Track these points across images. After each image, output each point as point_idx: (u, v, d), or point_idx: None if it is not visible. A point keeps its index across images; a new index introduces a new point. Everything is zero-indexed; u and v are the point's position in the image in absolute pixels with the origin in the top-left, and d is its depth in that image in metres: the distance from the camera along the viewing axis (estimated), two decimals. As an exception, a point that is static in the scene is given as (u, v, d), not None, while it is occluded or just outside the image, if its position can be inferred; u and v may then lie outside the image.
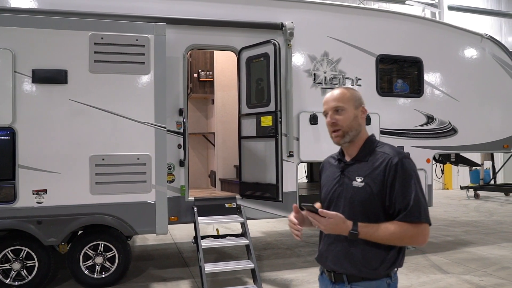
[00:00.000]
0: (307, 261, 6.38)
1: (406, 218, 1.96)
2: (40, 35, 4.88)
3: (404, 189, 1.98)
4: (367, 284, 2.05)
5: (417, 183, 2.01)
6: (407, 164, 2.02)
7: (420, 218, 1.97)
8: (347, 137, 2.11)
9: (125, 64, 5.11)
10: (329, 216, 1.96)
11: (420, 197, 1.99)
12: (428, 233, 2.02)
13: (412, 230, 1.97)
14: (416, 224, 1.97)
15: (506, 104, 7.56)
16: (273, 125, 5.58)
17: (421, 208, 1.98)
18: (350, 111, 2.11)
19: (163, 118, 5.23)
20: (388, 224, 1.98)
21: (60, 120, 4.93)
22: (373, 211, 2.03)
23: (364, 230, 1.98)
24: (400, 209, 1.98)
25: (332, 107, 2.12)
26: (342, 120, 2.10)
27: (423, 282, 5.41)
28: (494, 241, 7.68)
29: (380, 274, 2.04)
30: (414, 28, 6.95)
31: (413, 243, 2.03)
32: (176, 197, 5.63)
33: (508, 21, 19.43)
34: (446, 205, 12.78)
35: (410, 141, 6.71)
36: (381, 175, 2.02)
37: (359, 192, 2.05)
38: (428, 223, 2.00)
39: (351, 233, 1.97)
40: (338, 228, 1.98)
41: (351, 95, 2.14)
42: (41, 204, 4.86)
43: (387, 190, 2.01)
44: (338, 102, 2.11)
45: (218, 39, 5.89)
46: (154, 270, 6.08)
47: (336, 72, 6.36)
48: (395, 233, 1.97)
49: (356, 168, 2.11)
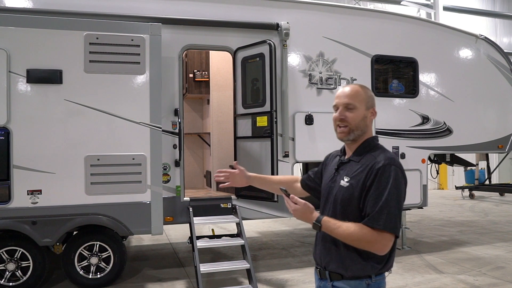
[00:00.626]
0: (302, 261, 6.39)
1: (369, 222, 1.95)
2: (35, 35, 4.87)
3: (377, 195, 1.96)
4: (346, 283, 2.05)
5: (393, 190, 1.96)
6: (388, 171, 1.98)
7: (380, 225, 1.92)
8: (351, 135, 2.12)
9: (120, 64, 5.10)
10: (297, 203, 2.04)
11: (390, 205, 1.94)
12: (389, 243, 1.96)
13: (371, 235, 1.94)
14: (376, 230, 1.93)
15: (501, 104, 7.59)
16: (269, 125, 5.58)
17: (385, 216, 1.93)
18: (361, 111, 2.11)
19: (159, 118, 5.22)
20: (351, 224, 1.98)
21: (55, 120, 4.91)
22: (351, 211, 2.04)
23: (326, 224, 2.01)
24: (368, 213, 1.97)
25: (344, 103, 2.12)
26: (351, 118, 2.10)
27: (418, 282, 5.42)
28: (489, 241, 7.71)
29: (357, 274, 2.03)
30: (409, 29, 6.97)
31: (370, 249, 1.97)
32: (171, 197, 5.63)
33: (503, 22, 19.52)
34: (441, 205, 12.83)
35: (405, 141, 6.73)
36: (363, 178, 2.02)
37: (342, 191, 2.08)
38: (391, 232, 1.94)
39: (314, 224, 2.03)
40: (304, 216, 2.06)
41: (365, 95, 2.14)
42: (36, 205, 4.84)
43: (364, 193, 2.01)
44: (351, 99, 2.11)
45: (214, 39, 5.89)
46: (150, 271, 6.07)
47: (331, 72, 6.37)
48: (353, 234, 1.95)
49: (348, 167, 2.13)
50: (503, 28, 19.52)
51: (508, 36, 19.65)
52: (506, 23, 19.59)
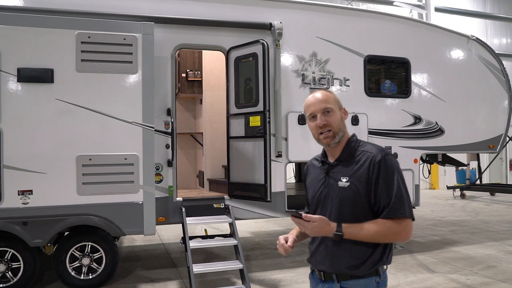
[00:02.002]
0: (295, 261, 6.39)
1: (390, 214, 1.99)
2: (26, 33, 4.82)
3: (387, 186, 2.01)
4: (356, 282, 2.06)
5: (399, 178, 2.03)
6: (389, 161, 2.05)
7: (402, 213, 1.99)
8: (336, 137, 2.14)
9: (112, 63, 5.06)
10: (313, 220, 1.97)
11: (402, 192, 2.01)
12: (411, 228, 2.04)
13: (395, 226, 1.99)
14: (399, 220, 1.99)
15: (492, 105, 7.65)
16: (262, 125, 5.57)
17: (404, 204, 2.00)
18: (337, 113, 2.15)
19: (151, 118, 5.19)
20: (372, 223, 2.01)
21: (47, 120, 4.87)
22: (360, 209, 2.05)
23: (348, 231, 2.00)
24: (384, 205, 2.00)
25: (322, 109, 2.13)
26: (332, 121, 2.12)
27: (410, 281, 5.44)
28: (480, 240, 7.77)
29: (367, 271, 2.05)
30: (401, 29, 7.00)
31: (397, 239, 2.04)
32: (164, 197, 5.60)
33: (494, 23, 19.68)
34: (433, 205, 12.90)
35: (397, 141, 6.76)
36: (366, 174, 2.04)
37: (345, 192, 2.07)
38: (411, 218, 2.02)
39: (336, 234, 2.00)
40: (323, 231, 2.01)
41: (334, 97, 2.18)
42: (26, 205, 4.79)
43: (371, 188, 2.03)
44: (327, 103, 2.13)
45: (207, 38, 5.87)
46: (142, 271, 6.03)
47: (324, 72, 6.38)
48: (379, 231, 1.99)
49: (340, 168, 2.13)
50: (493, 29, 19.68)
51: (498, 37, 19.81)
52: (497, 24, 19.76)
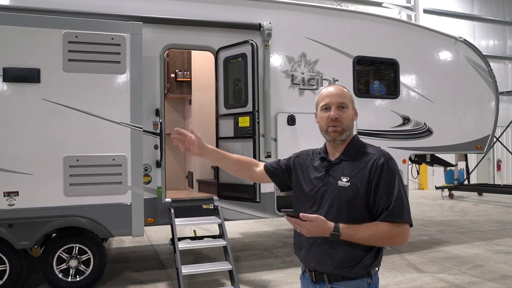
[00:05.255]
0: (284, 262, 6.38)
1: (388, 218, 1.97)
2: (12, 32, 4.75)
3: (388, 189, 1.99)
4: (347, 283, 2.05)
5: (400, 183, 2.02)
6: (392, 165, 2.04)
7: (401, 218, 1.97)
8: (344, 134, 2.11)
9: (100, 63, 5.01)
10: (310, 219, 1.92)
11: (403, 197, 2.00)
12: (408, 233, 2.02)
13: (393, 230, 1.97)
14: (397, 224, 1.98)
15: (479, 105, 7.72)
16: (251, 125, 5.56)
17: (403, 208, 1.99)
18: (350, 111, 2.14)
19: (139, 118, 5.15)
20: (370, 225, 1.99)
21: (33, 120, 4.80)
22: (358, 211, 2.03)
23: (345, 231, 1.96)
24: (383, 209, 1.98)
25: (338, 103, 2.10)
26: (345, 117, 2.10)
27: (399, 281, 5.46)
28: (468, 240, 7.83)
29: (360, 273, 2.04)
30: (390, 30, 7.03)
31: (393, 244, 2.03)
32: (152, 198, 5.56)
33: (481, 25, 19.91)
34: (421, 205, 12.98)
35: (386, 142, 6.79)
36: (367, 175, 2.03)
37: (345, 192, 2.04)
38: (409, 223, 2.01)
39: (333, 234, 1.96)
40: (321, 231, 1.96)
41: (351, 96, 2.17)
42: (12, 207, 4.72)
43: (371, 190, 2.01)
44: (344, 99, 2.11)
45: (196, 39, 5.85)
46: (131, 273, 5.99)
47: (313, 73, 6.38)
48: (376, 234, 1.97)
49: (341, 167, 2.10)
50: (481, 31, 19.90)
51: (486, 38, 20.04)
52: (484, 26, 19.99)
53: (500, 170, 20.07)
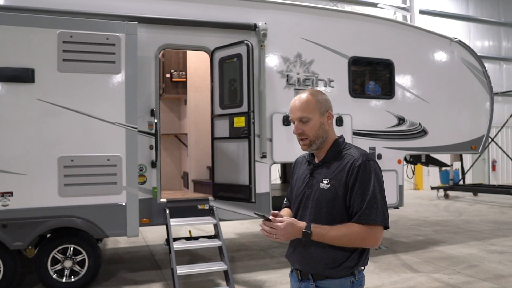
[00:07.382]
0: (280, 262, 6.39)
1: (360, 219, 1.98)
2: (6, 32, 4.73)
3: (363, 191, 2.00)
4: (331, 282, 2.07)
5: (376, 184, 2.01)
6: (369, 166, 2.03)
7: (373, 220, 1.97)
8: (314, 145, 2.14)
9: (95, 63, 5.00)
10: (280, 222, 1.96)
11: (377, 199, 1.99)
12: (380, 235, 2.02)
13: (364, 232, 1.98)
14: (369, 225, 1.98)
15: (474, 106, 7.75)
16: (246, 126, 5.56)
17: (376, 210, 1.98)
18: (316, 120, 2.11)
19: (134, 118, 5.14)
20: (340, 226, 2.00)
21: (27, 120, 4.78)
22: (337, 212, 2.05)
23: (316, 230, 1.99)
24: (357, 210, 2.00)
25: (297, 118, 2.12)
26: (308, 130, 2.11)
27: (394, 281, 5.48)
28: (463, 240, 7.86)
29: (343, 273, 2.06)
30: (386, 31, 7.05)
31: (364, 245, 2.03)
32: (147, 198, 5.55)
33: (476, 26, 19.99)
34: (417, 205, 13.02)
35: (381, 142, 6.81)
36: (345, 177, 2.04)
37: (325, 193, 2.07)
38: (382, 225, 2.00)
39: (304, 232, 1.98)
40: (293, 231, 1.99)
41: (317, 102, 2.12)
42: (6, 207, 4.70)
43: (348, 191, 2.03)
44: (302, 112, 2.10)
45: (191, 39, 5.84)
46: (126, 273, 5.97)
47: (309, 73, 6.39)
48: (346, 235, 1.98)
49: (323, 170, 2.13)
50: (476, 32, 19.99)
51: (480, 39, 20.13)
52: (479, 27, 20.08)
53: (495, 171, 20.18)
